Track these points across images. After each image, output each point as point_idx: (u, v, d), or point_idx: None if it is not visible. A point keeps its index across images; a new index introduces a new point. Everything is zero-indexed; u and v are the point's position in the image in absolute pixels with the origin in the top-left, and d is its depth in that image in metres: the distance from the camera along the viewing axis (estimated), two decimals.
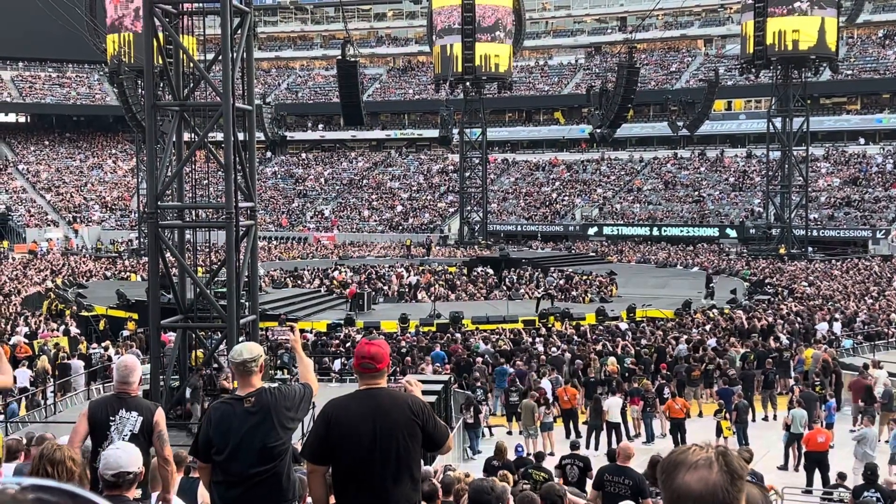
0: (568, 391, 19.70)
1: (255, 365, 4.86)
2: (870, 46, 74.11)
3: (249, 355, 4.85)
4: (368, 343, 4.45)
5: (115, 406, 5.58)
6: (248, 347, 4.96)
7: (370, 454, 4.19)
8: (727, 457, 2.01)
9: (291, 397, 4.88)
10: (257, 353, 4.90)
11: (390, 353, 4.71)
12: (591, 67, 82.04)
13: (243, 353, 4.89)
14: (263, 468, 4.72)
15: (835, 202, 60.31)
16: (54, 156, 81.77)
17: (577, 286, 40.09)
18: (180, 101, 16.37)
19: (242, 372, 4.87)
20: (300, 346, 5.55)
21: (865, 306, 31.30)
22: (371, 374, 4.34)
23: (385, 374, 4.39)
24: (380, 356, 4.35)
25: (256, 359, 4.87)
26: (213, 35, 16.33)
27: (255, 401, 4.76)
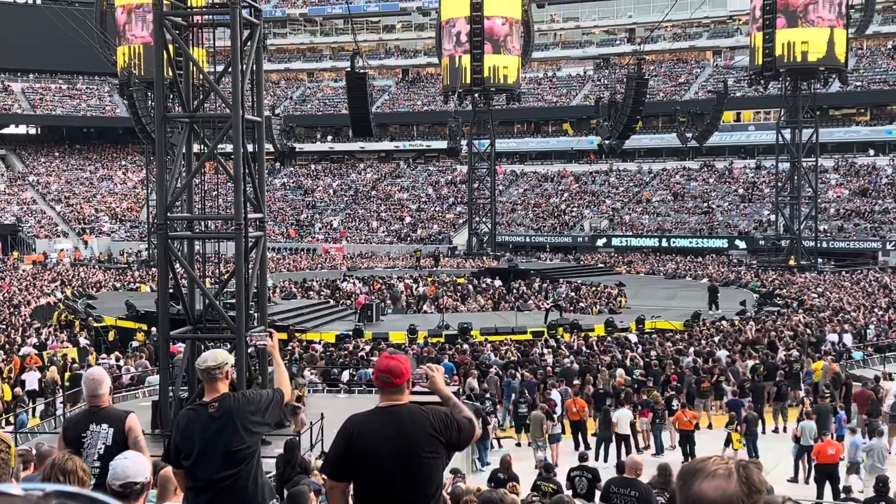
0: (577, 403, 19.65)
1: (220, 372, 4.94)
2: (879, 58, 74.02)
3: (214, 362, 4.94)
4: (389, 357, 4.31)
5: (85, 421, 5.57)
6: (213, 355, 5.03)
7: (391, 474, 4.12)
8: (748, 470, 2.00)
9: (257, 401, 4.93)
10: (222, 361, 4.98)
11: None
12: (599, 79, 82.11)
13: (208, 360, 4.98)
14: (228, 472, 4.78)
15: (844, 213, 60.15)
16: (64, 167, 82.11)
17: (585, 297, 40.04)
18: (190, 112, 16.43)
19: (208, 378, 4.96)
20: (277, 352, 5.63)
21: (875, 318, 31.17)
22: (391, 389, 4.22)
23: (406, 389, 4.25)
24: (398, 371, 4.21)
25: (221, 366, 4.96)
26: (223, 47, 16.41)
27: (218, 406, 4.84)
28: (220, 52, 16.80)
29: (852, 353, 25.93)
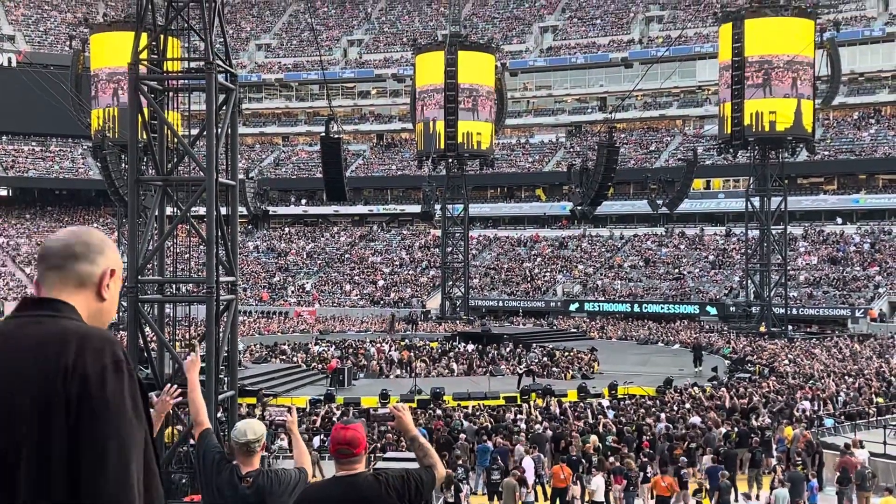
0: (564, 470, 19.39)
1: (258, 445, 4.91)
2: (845, 128, 75.49)
3: (253, 436, 4.88)
4: (344, 428, 4.30)
5: None
6: (251, 428, 4.95)
7: None
8: None
9: (286, 482, 4.85)
10: (260, 434, 4.93)
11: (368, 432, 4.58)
12: (571, 146, 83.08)
13: (247, 433, 4.92)
14: None
15: (814, 281, 60.75)
16: (35, 229, 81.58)
17: (558, 362, 39.99)
18: (164, 175, 16.44)
19: (245, 451, 4.90)
20: (296, 428, 5.48)
21: (846, 385, 31.30)
22: (349, 460, 4.21)
23: (363, 458, 4.25)
24: (356, 441, 4.22)
25: (259, 439, 4.92)
26: (199, 111, 16.49)
27: (252, 482, 4.76)
28: (195, 116, 16.89)
29: (823, 421, 25.96)
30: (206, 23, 15.77)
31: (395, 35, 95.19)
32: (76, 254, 2.42)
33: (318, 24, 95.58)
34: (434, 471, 4.26)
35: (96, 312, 2.46)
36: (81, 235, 2.45)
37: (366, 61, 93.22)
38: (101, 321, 2.48)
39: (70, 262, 2.42)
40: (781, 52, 52.28)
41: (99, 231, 2.51)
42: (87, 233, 2.47)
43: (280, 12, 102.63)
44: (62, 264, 2.42)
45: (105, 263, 2.45)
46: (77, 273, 2.42)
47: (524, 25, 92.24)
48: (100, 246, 2.45)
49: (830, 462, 20.92)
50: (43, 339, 2.30)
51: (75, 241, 2.44)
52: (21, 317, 2.38)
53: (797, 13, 53.29)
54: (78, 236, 2.45)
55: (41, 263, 2.44)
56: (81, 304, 2.41)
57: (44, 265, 2.43)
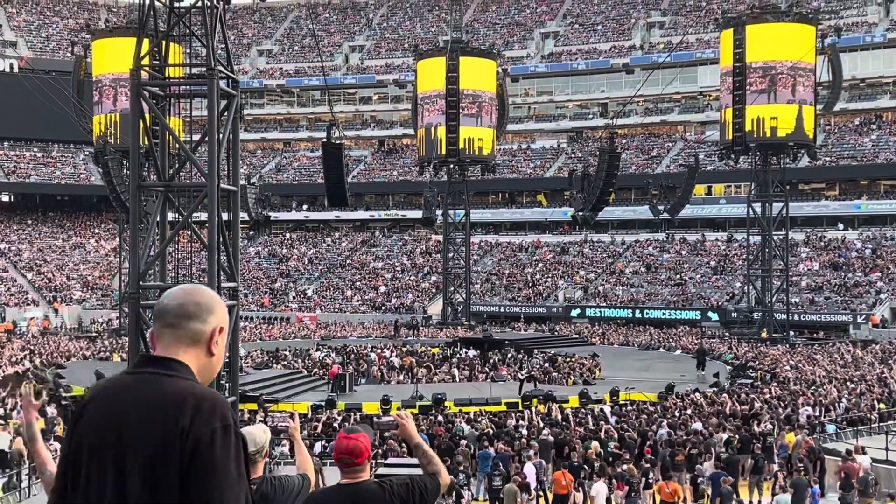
0: (566, 476, 19.33)
1: (260, 456, 4.84)
2: (847, 134, 75.50)
3: (254, 447, 4.79)
4: (346, 437, 4.29)
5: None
6: (251, 438, 4.87)
7: None
8: None
9: (290, 489, 4.81)
10: (261, 445, 4.85)
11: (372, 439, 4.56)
12: (573, 151, 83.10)
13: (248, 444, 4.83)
14: None
15: (815, 287, 60.71)
16: (37, 235, 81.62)
17: (560, 368, 39.95)
18: (165, 181, 16.45)
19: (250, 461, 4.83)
20: (299, 434, 5.43)
21: (847, 391, 31.26)
22: (351, 469, 4.22)
23: (366, 467, 4.25)
24: (359, 450, 4.22)
25: (261, 450, 4.85)
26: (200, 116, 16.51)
27: (256, 489, 4.70)
28: (196, 122, 16.90)
29: (825, 427, 25.92)
30: (208, 29, 15.80)
31: (396, 41, 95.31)
32: (189, 313, 2.65)
33: (319, 29, 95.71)
34: (439, 478, 4.23)
35: (206, 366, 2.70)
36: (194, 295, 2.67)
37: (367, 67, 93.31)
38: (210, 374, 2.73)
39: (184, 321, 2.65)
40: (783, 58, 52.32)
41: (209, 289, 2.73)
42: (199, 292, 2.68)
43: (281, 18, 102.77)
44: (177, 323, 2.65)
45: (215, 322, 2.68)
46: (191, 331, 2.65)
47: (525, 31, 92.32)
48: (210, 305, 2.68)
49: (832, 468, 20.87)
50: (163, 398, 2.54)
51: (189, 300, 2.66)
52: (141, 373, 2.62)
53: (798, 19, 53.35)
54: (191, 296, 2.67)
55: (157, 321, 2.66)
56: (193, 359, 2.65)
57: (160, 323, 2.65)
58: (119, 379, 2.67)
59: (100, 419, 2.61)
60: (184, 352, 2.65)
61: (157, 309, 2.69)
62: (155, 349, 2.69)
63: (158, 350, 2.68)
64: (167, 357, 2.64)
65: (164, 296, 2.72)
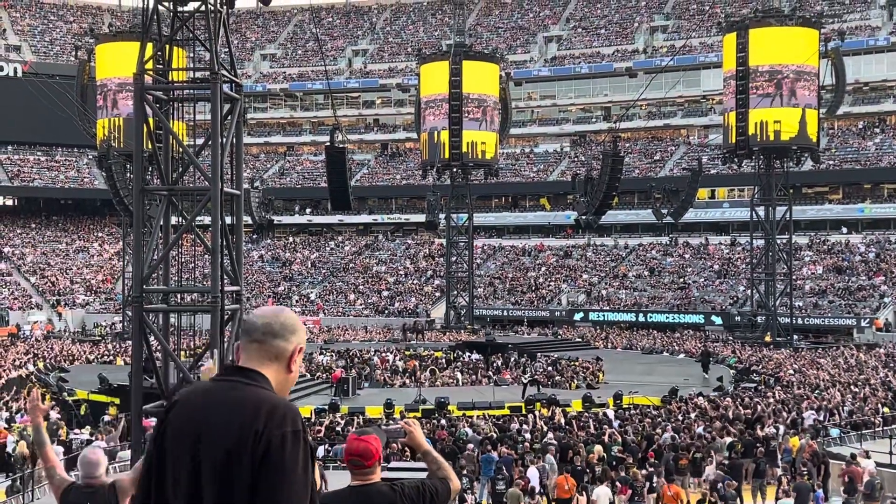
0: (568, 480, 19.29)
1: None
2: (850, 137, 75.44)
3: None
4: (357, 439, 4.28)
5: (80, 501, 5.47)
6: None
7: None
8: None
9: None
10: None
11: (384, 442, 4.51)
12: (576, 155, 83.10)
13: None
14: None
15: (819, 290, 60.63)
16: (40, 238, 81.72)
17: (563, 372, 39.92)
18: (169, 185, 16.46)
19: None
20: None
21: (851, 395, 31.21)
22: (361, 471, 4.21)
23: (377, 469, 4.24)
24: (370, 452, 4.19)
25: None
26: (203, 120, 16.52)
27: None
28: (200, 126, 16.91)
29: (829, 431, 25.87)
30: (212, 33, 15.82)
31: (399, 45, 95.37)
32: (275, 332, 2.94)
33: (322, 34, 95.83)
34: (449, 483, 4.25)
35: (283, 381, 2.98)
36: (280, 316, 2.98)
37: (370, 71, 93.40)
38: (286, 389, 3.00)
39: (269, 338, 2.94)
40: (786, 62, 52.29)
41: (292, 311, 3.04)
42: (285, 314, 3.00)
43: (285, 22, 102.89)
44: (263, 339, 2.94)
45: (296, 341, 2.99)
46: (274, 348, 2.94)
47: (528, 35, 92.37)
48: (293, 326, 2.98)
49: (836, 472, 20.82)
50: (241, 403, 2.82)
51: (275, 320, 2.96)
52: (225, 381, 2.92)
53: (801, 23, 53.30)
54: (277, 316, 2.98)
55: (245, 336, 2.94)
56: (273, 373, 2.94)
57: (247, 338, 2.93)
58: (203, 385, 2.97)
59: (182, 420, 2.88)
60: (266, 366, 2.93)
61: (246, 325, 2.96)
62: (239, 360, 2.96)
63: (242, 362, 2.95)
64: (250, 368, 2.92)
65: (253, 314, 3.01)
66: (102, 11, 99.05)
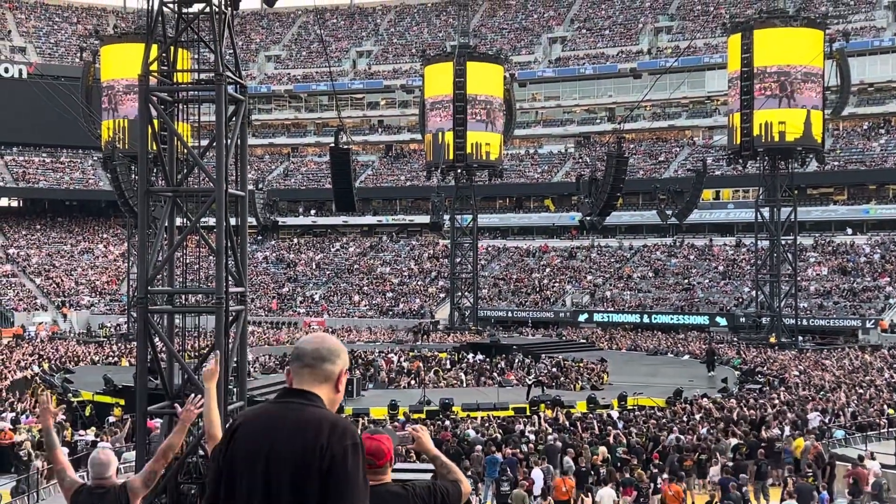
0: (566, 482, 19.29)
1: None
2: (855, 138, 75.33)
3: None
4: (370, 438, 4.27)
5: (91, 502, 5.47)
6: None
7: None
8: None
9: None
10: None
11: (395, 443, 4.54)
12: (580, 156, 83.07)
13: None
14: None
15: (824, 291, 60.54)
16: (45, 240, 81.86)
17: (567, 373, 39.89)
18: (173, 186, 16.47)
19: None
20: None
21: (856, 396, 31.15)
22: (373, 471, 4.15)
23: (388, 469, 4.24)
24: (381, 452, 4.18)
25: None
26: (208, 122, 16.53)
27: None
28: (204, 127, 16.93)
29: (833, 432, 25.82)
30: (216, 34, 15.83)
31: (403, 46, 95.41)
32: (323, 356, 3.31)
33: (327, 35, 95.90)
34: (460, 485, 4.31)
35: (333, 400, 3.33)
36: (326, 342, 3.36)
37: (375, 72, 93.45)
38: (336, 406, 3.36)
39: (319, 362, 3.30)
40: (791, 63, 52.22)
41: (335, 337, 3.41)
42: (329, 340, 3.38)
43: (289, 24, 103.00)
44: (314, 364, 3.30)
45: (342, 364, 3.36)
46: (324, 371, 3.31)
47: (533, 36, 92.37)
48: (339, 351, 3.35)
49: (841, 474, 20.79)
50: (304, 422, 3.17)
51: (323, 346, 3.33)
52: (284, 402, 3.27)
53: (806, 23, 53.26)
54: (324, 343, 3.35)
55: (296, 361, 3.30)
56: (324, 394, 3.29)
57: (298, 363, 3.31)
58: (267, 406, 3.31)
59: (251, 438, 3.21)
60: (318, 387, 3.28)
61: (297, 352, 3.32)
62: (291, 384, 3.31)
63: (296, 384, 3.29)
64: (305, 390, 3.26)
65: (302, 341, 3.37)
66: (107, 13, 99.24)
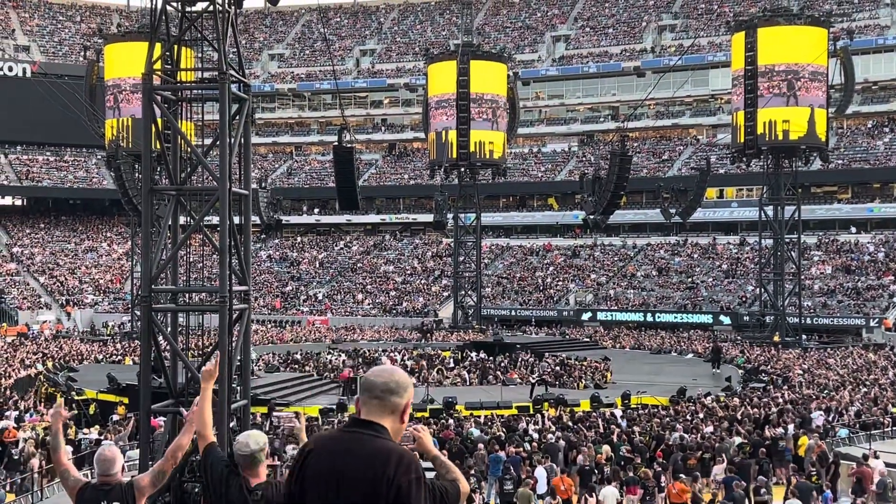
0: (565, 481, 19.30)
1: (263, 454, 4.81)
2: (859, 136, 75.21)
3: (257, 446, 4.77)
4: None
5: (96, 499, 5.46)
6: (254, 438, 4.85)
7: None
8: None
9: None
10: (264, 443, 4.83)
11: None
12: (584, 155, 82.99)
13: (250, 444, 4.81)
14: None
15: (828, 290, 60.46)
16: (49, 238, 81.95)
17: (571, 372, 39.88)
18: (177, 185, 16.47)
19: (251, 463, 4.79)
20: (305, 435, 5.41)
21: (860, 395, 31.12)
22: None
23: None
24: None
25: (264, 448, 4.82)
26: (212, 121, 16.53)
27: (261, 495, 4.66)
28: (208, 126, 16.93)
29: (837, 431, 25.79)
30: (220, 33, 15.83)
31: (407, 45, 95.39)
32: (391, 390, 3.52)
33: (330, 34, 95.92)
34: (459, 485, 4.29)
35: (398, 430, 3.54)
36: (395, 375, 3.58)
37: (378, 71, 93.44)
38: (399, 435, 3.55)
39: (387, 395, 3.51)
40: (795, 61, 52.12)
41: (402, 371, 3.64)
42: (399, 374, 3.60)
43: (293, 22, 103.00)
44: (382, 396, 3.52)
45: (407, 397, 3.57)
46: (392, 404, 3.51)
47: (536, 35, 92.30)
48: (406, 385, 3.58)
49: (845, 472, 20.77)
50: (373, 454, 3.39)
51: (391, 380, 3.54)
52: (353, 432, 3.49)
53: (810, 22, 53.14)
54: (392, 377, 3.57)
55: (365, 392, 3.54)
56: (389, 424, 3.49)
57: (367, 395, 3.53)
58: (336, 435, 3.57)
59: (321, 467, 3.45)
60: (384, 418, 3.48)
61: (366, 384, 3.54)
62: (360, 413, 3.53)
63: (364, 414, 3.51)
64: (373, 421, 3.47)
65: (372, 373, 3.59)
66: (111, 12, 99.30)
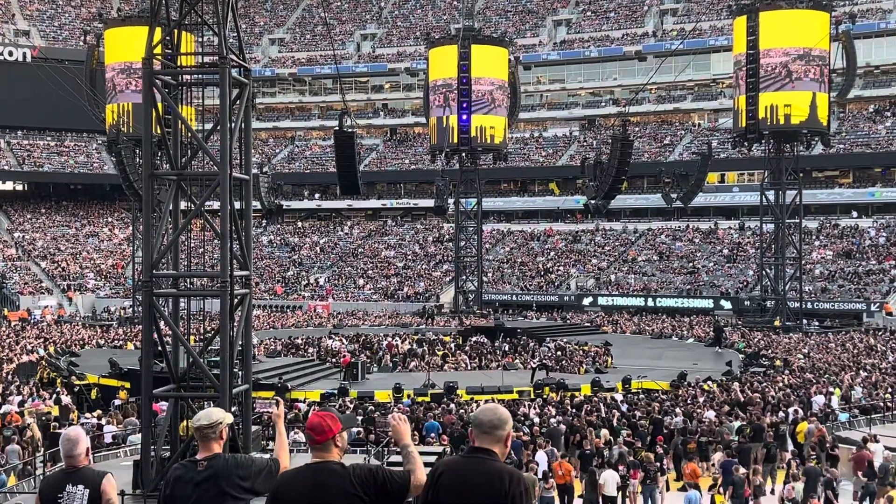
0: (563, 466, 19.32)
1: (213, 432, 4.89)
2: (861, 121, 75.04)
3: (207, 421, 4.89)
4: (315, 414, 4.54)
5: (61, 482, 5.46)
6: (208, 414, 4.97)
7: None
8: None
9: (247, 466, 4.86)
10: (216, 420, 4.92)
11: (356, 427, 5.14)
12: (585, 139, 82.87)
13: (202, 418, 4.94)
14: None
15: (829, 275, 60.47)
16: (50, 223, 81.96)
17: (572, 356, 39.93)
18: (178, 170, 16.46)
19: (201, 437, 4.92)
20: (282, 422, 5.50)
21: (860, 379, 31.17)
22: (316, 447, 4.45)
23: (332, 446, 4.45)
24: (321, 428, 4.43)
25: (214, 425, 4.90)
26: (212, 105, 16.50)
27: (207, 465, 4.78)
28: (209, 111, 16.90)
29: (838, 415, 25.85)
30: (220, 18, 15.79)
31: (408, 29, 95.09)
32: (496, 425, 4.40)
33: (331, 18, 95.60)
34: (411, 475, 4.51)
35: (503, 453, 4.42)
36: (497, 412, 4.45)
37: (379, 55, 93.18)
38: (504, 457, 4.44)
39: (493, 430, 4.40)
40: (796, 45, 51.97)
41: (503, 408, 4.50)
42: (500, 411, 4.46)
43: (293, 7, 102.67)
44: (490, 431, 4.40)
45: (508, 429, 4.45)
46: (497, 435, 4.41)
47: (537, 19, 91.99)
48: (507, 419, 4.44)
49: (845, 456, 20.83)
50: (491, 473, 4.31)
51: (495, 417, 4.41)
52: (473, 457, 4.39)
53: (812, 6, 52.94)
54: (496, 413, 4.44)
55: (477, 428, 4.42)
56: (497, 450, 4.40)
57: (478, 430, 4.41)
58: (460, 459, 4.50)
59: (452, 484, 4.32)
60: (493, 445, 4.38)
61: (477, 420, 4.44)
62: (474, 442, 4.40)
63: (478, 443, 4.39)
64: (487, 448, 4.37)
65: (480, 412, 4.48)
66: None
